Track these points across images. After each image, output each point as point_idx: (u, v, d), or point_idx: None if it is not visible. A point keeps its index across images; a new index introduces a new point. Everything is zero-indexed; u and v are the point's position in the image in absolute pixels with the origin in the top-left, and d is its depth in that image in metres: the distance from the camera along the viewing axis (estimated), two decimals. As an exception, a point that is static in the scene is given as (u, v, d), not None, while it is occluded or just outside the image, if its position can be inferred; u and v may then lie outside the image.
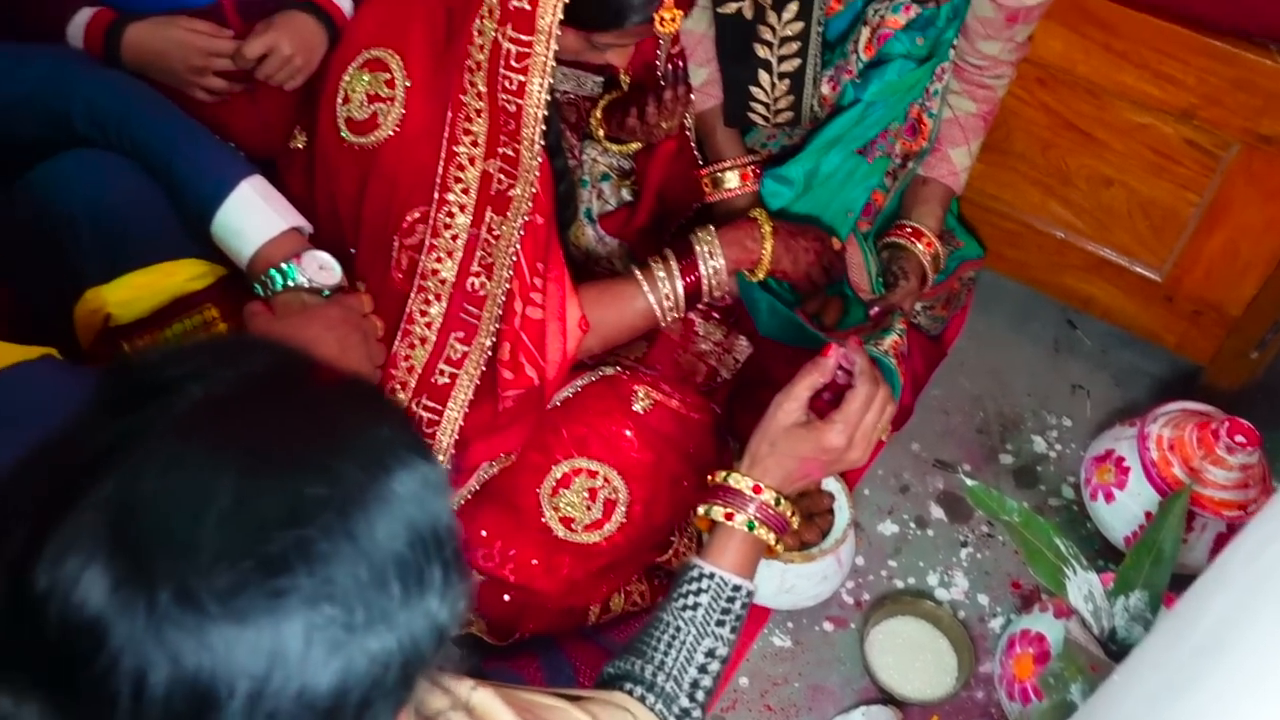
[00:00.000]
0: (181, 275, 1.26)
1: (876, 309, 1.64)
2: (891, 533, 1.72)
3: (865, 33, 1.56)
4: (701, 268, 1.50)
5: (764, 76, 1.54)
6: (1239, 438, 1.52)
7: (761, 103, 1.57)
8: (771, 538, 1.14)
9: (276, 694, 0.54)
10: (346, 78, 1.37)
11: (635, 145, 1.63)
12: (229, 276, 1.30)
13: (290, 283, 1.23)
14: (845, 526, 1.57)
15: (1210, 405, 1.67)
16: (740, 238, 1.53)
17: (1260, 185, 1.62)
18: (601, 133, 1.61)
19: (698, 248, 1.50)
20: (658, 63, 1.56)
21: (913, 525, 1.73)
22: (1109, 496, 1.65)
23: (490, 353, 1.36)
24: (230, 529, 0.53)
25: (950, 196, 1.71)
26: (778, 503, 1.14)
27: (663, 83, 1.54)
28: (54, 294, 1.24)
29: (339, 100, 1.37)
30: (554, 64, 1.23)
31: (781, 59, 1.53)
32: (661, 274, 1.48)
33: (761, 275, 1.56)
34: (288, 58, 1.45)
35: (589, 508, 1.48)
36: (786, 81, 1.55)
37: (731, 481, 1.15)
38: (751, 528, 1.13)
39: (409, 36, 1.35)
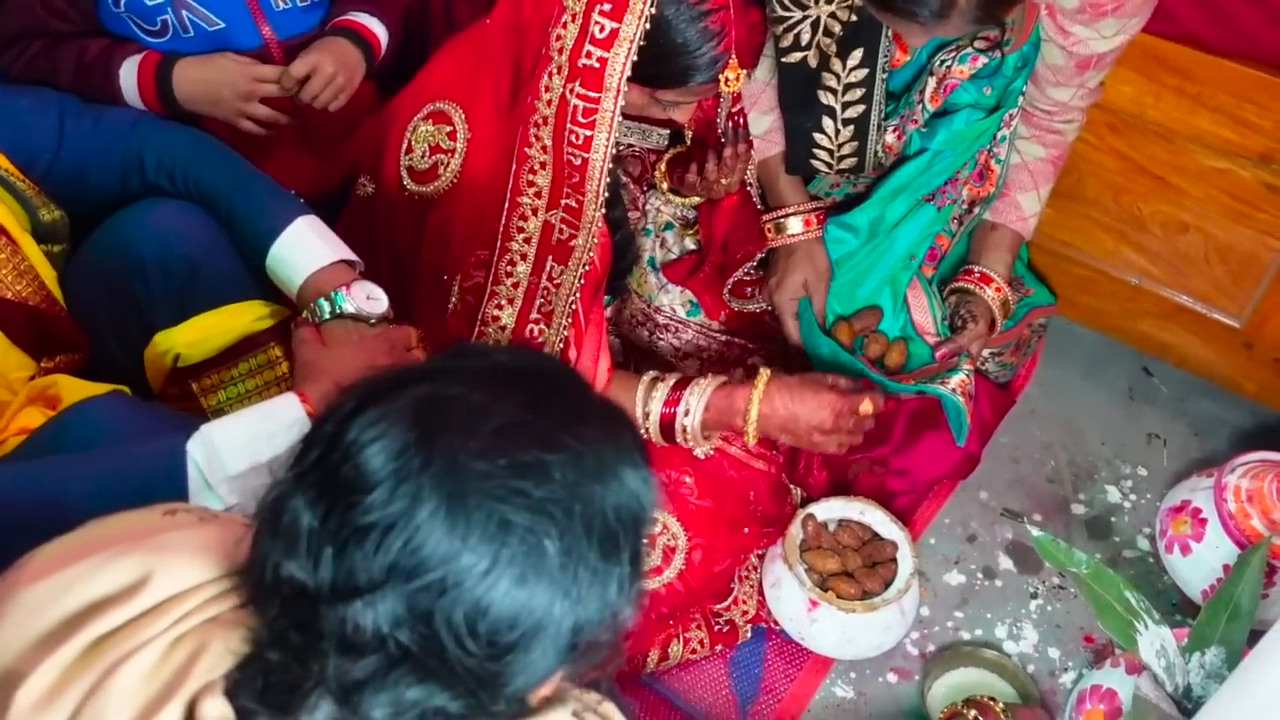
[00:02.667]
0: (247, 316, 1.32)
1: (943, 351, 1.62)
2: (958, 583, 1.69)
3: (931, 83, 1.56)
4: (678, 412, 1.43)
5: (828, 123, 1.55)
6: (1322, 492, 1.47)
7: (825, 149, 1.58)
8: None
9: (458, 596, 0.67)
10: (411, 128, 1.42)
11: (696, 199, 1.65)
12: (291, 317, 1.35)
13: (339, 309, 1.26)
14: (908, 576, 1.55)
15: (1294, 456, 1.61)
16: (730, 405, 1.43)
17: (1344, 230, 1.57)
18: (665, 185, 1.63)
19: (686, 394, 1.44)
20: (718, 120, 1.57)
21: (980, 575, 1.70)
22: (1185, 549, 1.61)
23: None
24: (501, 435, 0.70)
25: (1019, 242, 1.69)
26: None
27: (723, 140, 1.55)
28: (126, 339, 1.30)
29: (403, 150, 1.42)
30: (620, 119, 1.25)
31: (846, 105, 1.53)
32: (656, 395, 1.45)
33: (750, 441, 1.47)
34: (331, 75, 1.52)
35: (648, 554, 1.48)
36: (851, 128, 1.55)
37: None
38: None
39: (474, 91, 1.39)
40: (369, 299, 1.29)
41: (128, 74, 1.47)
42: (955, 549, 1.73)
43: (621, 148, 1.61)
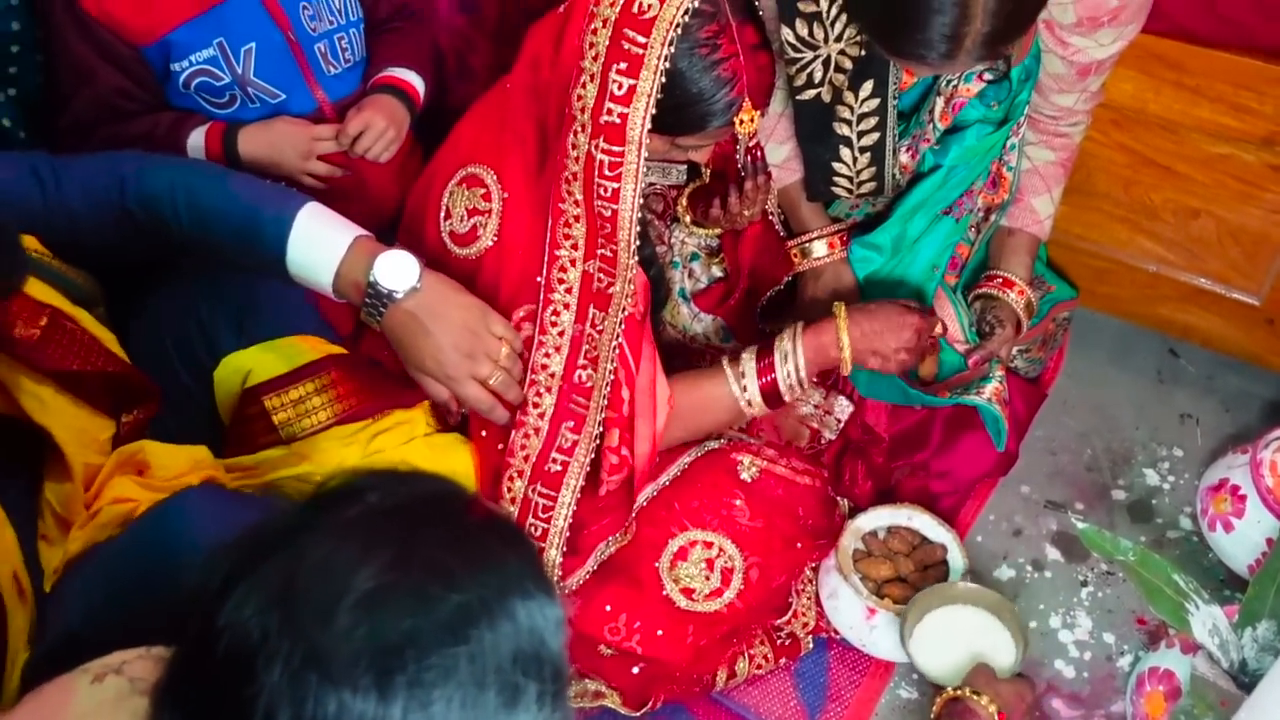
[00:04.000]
0: (307, 345, 1.40)
1: (975, 358, 1.67)
2: (1009, 577, 1.74)
3: (939, 102, 1.61)
4: (778, 370, 1.50)
5: (846, 153, 1.60)
6: (1355, 459, 1.51)
7: (845, 176, 1.63)
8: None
9: None
10: (447, 194, 1.48)
11: (719, 230, 1.71)
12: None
13: (382, 295, 1.27)
14: (960, 575, 1.60)
15: (1323, 426, 1.65)
16: (820, 342, 1.51)
17: (1351, 203, 1.62)
18: (688, 218, 1.69)
19: (777, 351, 1.51)
20: (737, 155, 1.63)
21: (1029, 568, 1.75)
22: (1228, 526, 1.65)
23: (598, 440, 1.44)
24: (360, 611, 0.66)
25: (1037, 244, 1.74)
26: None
27: (743, 174, 1.61)
28: (197, 368, 1.38)
29: (442, 215, 1.49)
30: (644, 169, 1.32)
31: (861, 134, 1.58)
32: (745, 370, 1.51)
33: (846, 372, 1.55)
34: (382, 130, 1.63)
35: (707, 577, 1.54)
36: (868, 155, 1.60)
37: None
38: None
39: (502, 152, 1.46)
40: (397, 270, 1.27)
41: (195, 142, 1.57)
42: (1003, 544, 1.78)
43: (644, 187, 1.67)
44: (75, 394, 1.21)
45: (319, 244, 1.28)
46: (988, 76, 1.58)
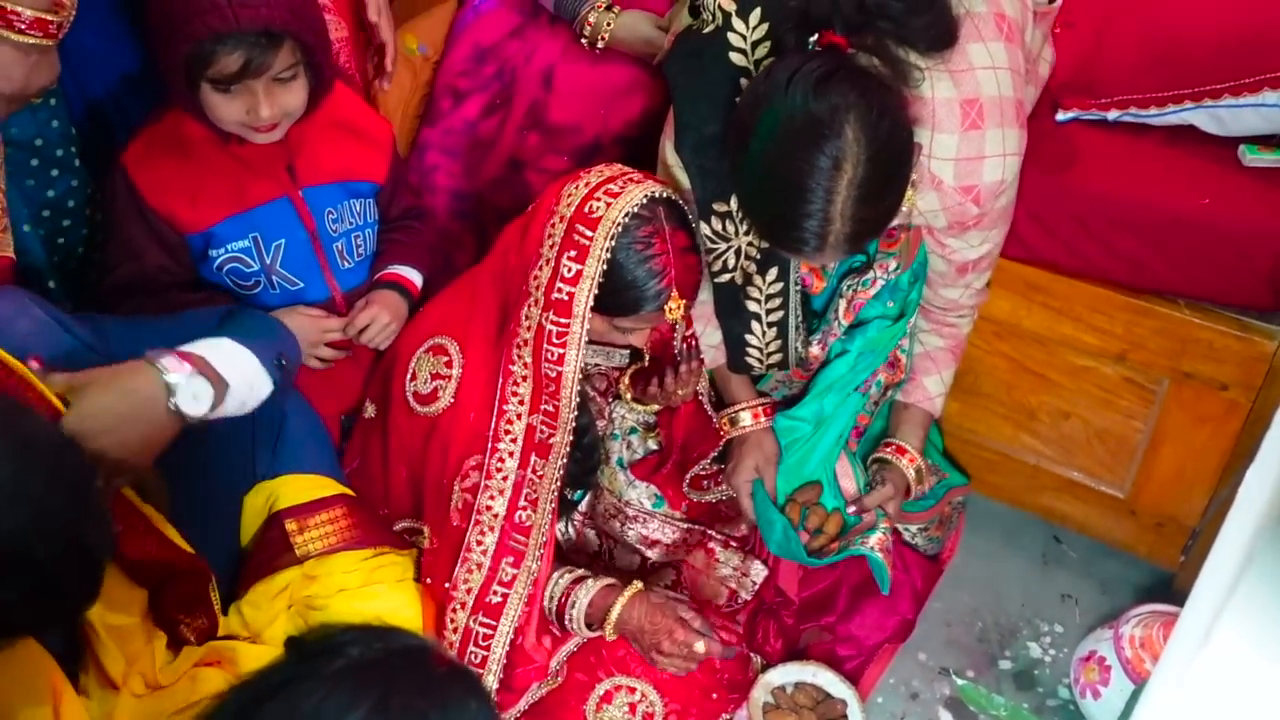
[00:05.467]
0: (325, 482, 1.62)
1: (858, 507, 1.88)
2: (905, 737, 1.91)
3: (842, 304, 1.89)
4: (568, 605, 1.68)
5: (756, 326, 1.83)
6: (1196, 634, 1.73)
7: (755, 347, 1.86)
8: None
9: None
10: (414, 360, 1.72)
11: (656, 406, 1.95)
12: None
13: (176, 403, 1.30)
14: (858, 730, 1.77)
15: (1179, 606, 1.87)
16: (606, 603, 1.67)
17: (1191, 412, 1.89)
18: (629, 395, 1.93)
19: (577, 589, 1.68)
20: (675, 342, 1.89)
21: (923, 729, 1.92)
22: (1096, 694, 1.85)
23: (535, 574, 1.63)
24: None
25: (930, 419, 1.98)
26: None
27: (678, 358, 1.86)
28: (227, 487, 1.58)
29: (408, 377, 1.72)
30: (586, 340, 1.57)
31: (769, 311, 1.82)
32: (557, 586, 1.70)
33: (610, 636, 1.69)
34: (386, 323, 1.85)
35: None
36: (774, 329, 1.84)
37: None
38: None
39: (469, 326, 1.71)
40: (195, 398, 1.31)
41: None
42: (900, 706, 1.95)
43: (590, 367, 1.92)
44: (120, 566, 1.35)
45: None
46: (881, 282, 1.85)
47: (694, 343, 1.88)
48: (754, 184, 1.48)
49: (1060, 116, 1.91)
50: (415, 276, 1.95)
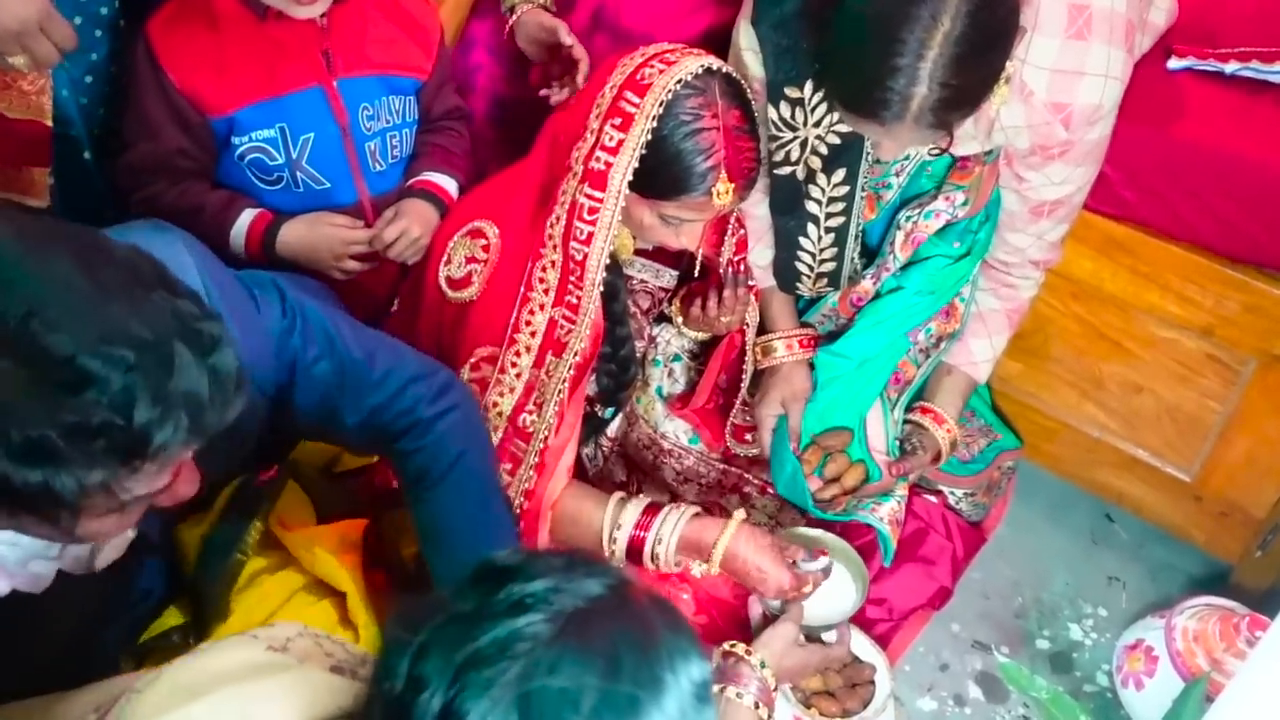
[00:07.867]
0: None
1: (894, 470, 1.77)
2: (930, 709, 1.81)
3: (900, 236, 1.75)
4: (649, 538, 1.56)
5: (812, 229, 1.72)
6: (1259, 633, 1.62)
7: (808, 253, 1.74)
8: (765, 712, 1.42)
9: None
10: (452, 243, 1.62)
11: (704, 335, 1.84)
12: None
13: None
14: (885, 697, 1.68)
15: (1237, 601, 1.77)
16: (700, 538, 1.56)
17: (1276, 398, 1.76)
18: (680, 318, 1.82)
19: (659, 521, 1.56)
20: (720, 264, 1.76)
21: (951, 703, 1.83)
22: (1139, 684, 1.74)
23: (528, 484, 1.55)
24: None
25: (972, 387, 1.86)
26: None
27: (724, 282, 1.73)
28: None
29: (443, 261, 1.62)
30: (618, 220, 1.47)
31: (829, 215, 1.70)
32: (624, 518, 1.57)
33: (714, 570, 1.59)
34: (416, 237, 1.71)
35: None
36: (831, 235, 1.72)
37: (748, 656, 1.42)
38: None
39: (508, 208, 1.60)
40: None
41: (239, 227, 1.66)
42: (929, 676, 1.86)
43: (635, 281, 1.81)
44: None
45: None
46: (945, 217, 1.71)
47: (741, 267, 1.75)
48: (842, 36, 1.36)
49: (1172, 64, 1.75)
50: (451, 185, 1.81)
